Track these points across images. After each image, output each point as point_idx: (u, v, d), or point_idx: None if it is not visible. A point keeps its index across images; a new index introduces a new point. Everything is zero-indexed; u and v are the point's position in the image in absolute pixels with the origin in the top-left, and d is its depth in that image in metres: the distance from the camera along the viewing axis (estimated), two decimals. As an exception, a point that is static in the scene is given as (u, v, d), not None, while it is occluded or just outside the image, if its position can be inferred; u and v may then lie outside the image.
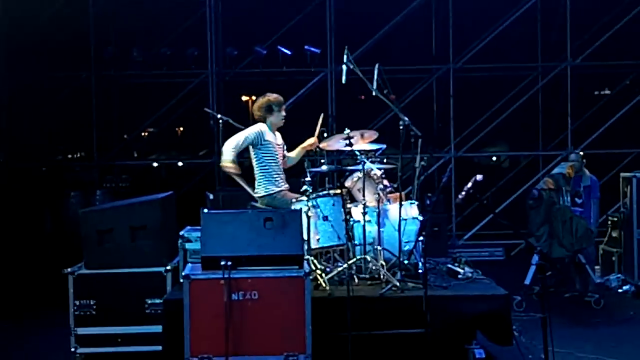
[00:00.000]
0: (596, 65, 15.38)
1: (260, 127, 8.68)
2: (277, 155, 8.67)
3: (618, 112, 15.27)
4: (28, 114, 14.51)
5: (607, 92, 16.87)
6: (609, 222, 11.87)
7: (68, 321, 7.97)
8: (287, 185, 8.69)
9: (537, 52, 15.93)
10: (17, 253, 13.34)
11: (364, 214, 8.01)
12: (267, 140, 8.60)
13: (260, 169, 8.59)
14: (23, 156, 14.54)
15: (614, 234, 11.72)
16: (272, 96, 8.88)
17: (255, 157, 8.60)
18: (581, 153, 11.21)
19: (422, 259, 7.89)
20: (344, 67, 8.44)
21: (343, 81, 8.54)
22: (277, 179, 8.61)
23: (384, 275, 7.67)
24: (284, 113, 8.86)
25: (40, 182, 15.06)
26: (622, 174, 11.84)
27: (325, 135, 8.88)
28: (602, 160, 14.25)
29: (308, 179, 8.24)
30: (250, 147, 8.60)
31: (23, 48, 13.99)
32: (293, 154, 8.99)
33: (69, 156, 16.63)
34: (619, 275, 11.45)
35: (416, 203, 8.47)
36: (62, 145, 15.99)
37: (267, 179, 8.58)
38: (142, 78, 15.32)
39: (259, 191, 8.60)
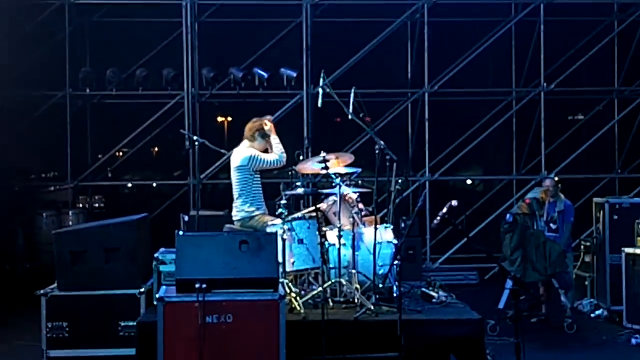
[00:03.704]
0: (569, 91, 15.52)
1: (251, 149, 8.70)
2: (260, 178, 8.69)
3: (591, 137, 15.43)
4: (1, 133, 14.40)
5: (581, 117, 17.00)
6: (582, 247, 11.95)
7: (40, 343, 7.90)
8: (265, 209, 8.69)
9: (511, 77, 16.05)
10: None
11: (339, 237, 8.02)
12: None
13: (245, 191, 8.57)
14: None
15: (587, 259, 11.80)
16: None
17: (243, 179, 8.58)
18: (556, 178, 11.26)
19: (396, 283, 7.90)
20: (320, 90, 8.48)
21: (319, 104, 8.57)
22: (258, 201, 8.61)
23: (358, 299, 7.67)
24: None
25: (12, 202, 14.93)
26: (594, 199, 11.93)
27: (301, 158, 8.91)
28: (575, 185, 14.33)
29: (283, 201, 8.24)
30: (242, 169, 8.59)
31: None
32: None
33: (42, 175, 16.51)
34: (591, 299, 11.52)
35: (391, 227, 8.49)
36: (36, 165, 15.86)
37: (249, 200, 8.57)
38: (117, 98, 15.26)
39: (239, 212, 8.59)
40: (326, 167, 8.27)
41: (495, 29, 15.39)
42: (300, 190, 8.53)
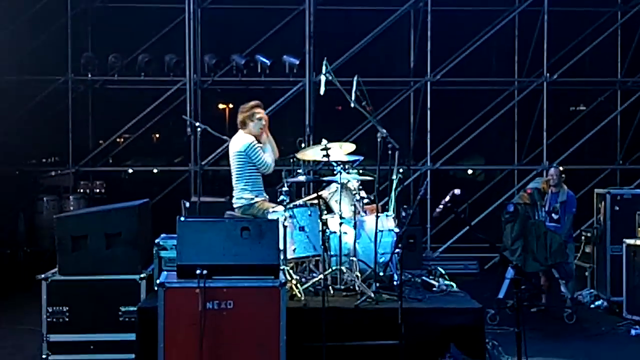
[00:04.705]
0: (572, 81, 15.51)
1: (250, 136, 8.67)
2: None
3: (593, 128, 15.43)
4: (2, 117, 14.40)
5: (583, 108, 16.98)
6: (583, 238, 11.94)
7: (40, 327, 7.91)
8: (265, 195, 8.69)
9: (514, 67, 16.02)
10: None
11: (340, 225, 8.01)
12: None
13: (244, 177, 8.56)
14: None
15: (588, 250, 11.80)
16: (254, 102, 8.90)
17: (242, 165, 8.57)
18: (560, 168, 11.24)
19: (397, 271, 7.90)
20: (323, 78, 8.45)
21: (321, 92, 8.55)
22: (258, 188, 8.61)
23: (359, 287, 7.67)
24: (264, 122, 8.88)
25: (13, 186, 14.94)
26: (596, 190, 11.92)
27: (302, 145, 8.89)
28: (576, 175, 14.33)
29: (285, 188, 8.24)
30: (240, 155, 8.58)
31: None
32: None
33: (43, 160, 16.50)
34: (591, 290, 11.52)
35: (392, 215, 8.48)
36: (37, 150, 15.86)
37: (249, 187, 8.56)
38: (119, 84, 15.24)
39: (239, 200, 8.58)
40: (328, 155, 8.26)
41: (498, 19, 15.36)
42: (301, 178, 8.52)
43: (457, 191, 6.66)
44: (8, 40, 14.19)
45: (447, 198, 6.62)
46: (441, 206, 6.67)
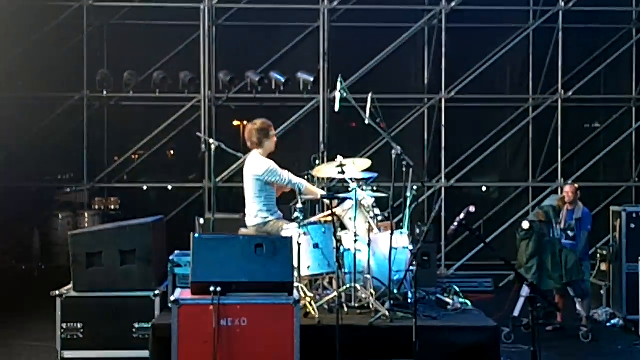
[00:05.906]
0: (587, 98, 15.48)
1: (267, 160, 8.68)
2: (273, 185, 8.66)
3: (608, 145, 15.38)
4: (18, 134, 14.47)
5: (597, 125, 16.91)
6: (598, 256, 11.88)
7: (55, 344, 7.92)
8: (280, 214, 8.68)
9: (529, 84, 15.99)
10: (4, 273, 13.27)
11: (355, 242, 8.00)
12: None
13: (260, 198, 8.55)
14: (11, 176, 14.48)
15: (603, 268, 11.72)
16: (265, 120, 8.90)
17: (257, 186, 8.55)
18: (576, 185, 11.18)
19: (412, 289, 7.87)
20: (337, 94, 8.47)
21: (336, 109, 8.57)
22: (272, 208, 8.60)
23: (373, 305, 7.65)
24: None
25: (28, 203, 14.99)
26: (611, 208, 11.87)
27: (317, 162, 8.89)
28: (591, 193, 14.26)
29: (299, 205, 8.22)
30: (259, 179, 8.57)
31: (14, 67, 13.98)
32: None
33: (59, 177, 16.57)
34: (607, 308, 11.44)
35: (407, 232, 8.46)
36: (52, 166, 15.92)
37: (264, 207, 8.54)
38: (134, 101, 15.28)
39: (254, 219, 8.57)
40: (343, 172, 8.26)
41: (513, 36, 15.37)
42: (316, 195, 8.53)
43: (471, 208, 6.64)
44: (24, 57, 14.29)
45: (462, 215, 6.59)
46: (456, 223, 6.64)
